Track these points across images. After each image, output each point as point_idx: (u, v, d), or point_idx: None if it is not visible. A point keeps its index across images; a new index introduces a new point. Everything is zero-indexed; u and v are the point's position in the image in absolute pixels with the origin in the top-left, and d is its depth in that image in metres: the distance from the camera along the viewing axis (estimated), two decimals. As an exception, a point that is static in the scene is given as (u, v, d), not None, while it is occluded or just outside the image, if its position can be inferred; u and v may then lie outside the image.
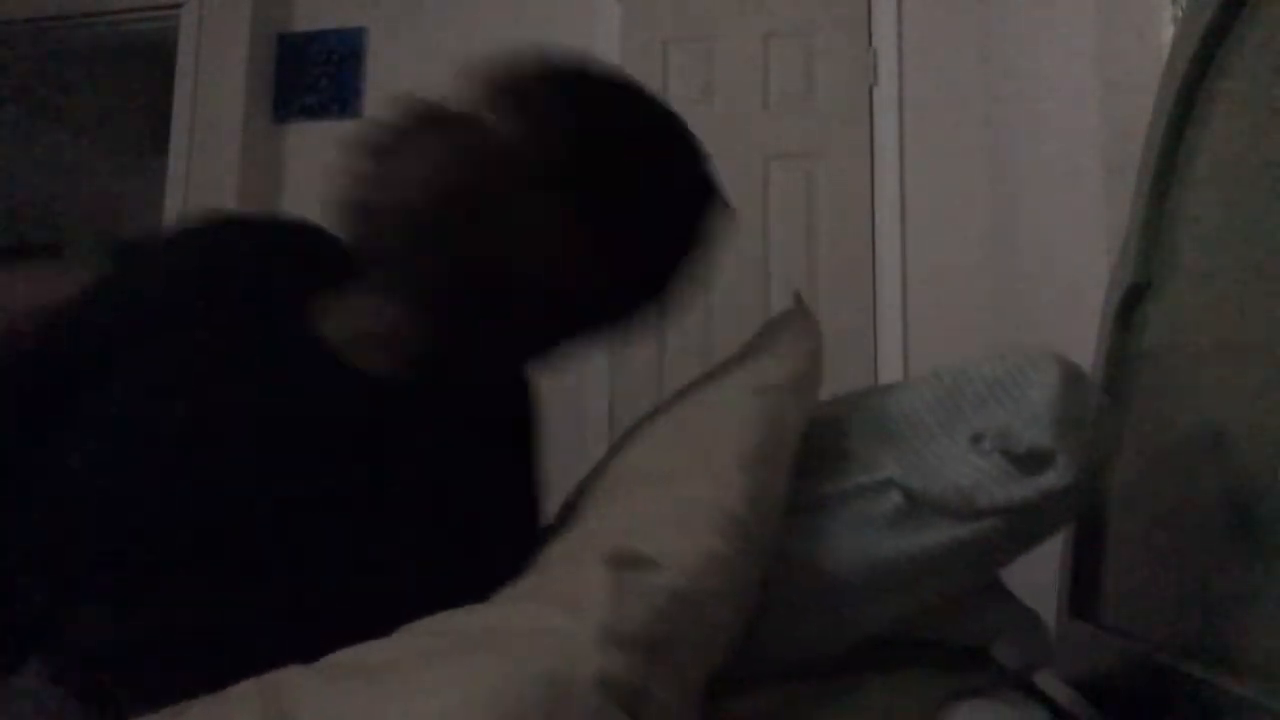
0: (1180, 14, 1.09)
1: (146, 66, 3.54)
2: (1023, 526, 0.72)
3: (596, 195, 0.70)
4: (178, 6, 3.19)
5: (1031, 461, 0.70)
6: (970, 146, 2.71)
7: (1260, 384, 0.79)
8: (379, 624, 0.54)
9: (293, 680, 0.51)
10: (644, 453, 0.78)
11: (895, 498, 0.73)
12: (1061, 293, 2.55)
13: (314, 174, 3.19)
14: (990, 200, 2.67)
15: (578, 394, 2.79)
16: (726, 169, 3.11)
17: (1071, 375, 0.76)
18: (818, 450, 0.78)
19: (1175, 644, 0.85)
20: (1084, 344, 1.18)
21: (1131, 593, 1.00)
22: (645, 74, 2.96)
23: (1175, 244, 1.01)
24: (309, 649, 0.53)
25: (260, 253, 0.77)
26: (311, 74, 3.22)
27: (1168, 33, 1.33)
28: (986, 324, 2.63)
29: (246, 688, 0.51)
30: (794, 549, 0.71)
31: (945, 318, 2.67)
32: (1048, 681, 0.87)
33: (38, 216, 5.67)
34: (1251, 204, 0.83)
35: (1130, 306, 1.10)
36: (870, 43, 2.82)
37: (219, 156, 3.08)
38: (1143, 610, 0.96)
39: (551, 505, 0.80)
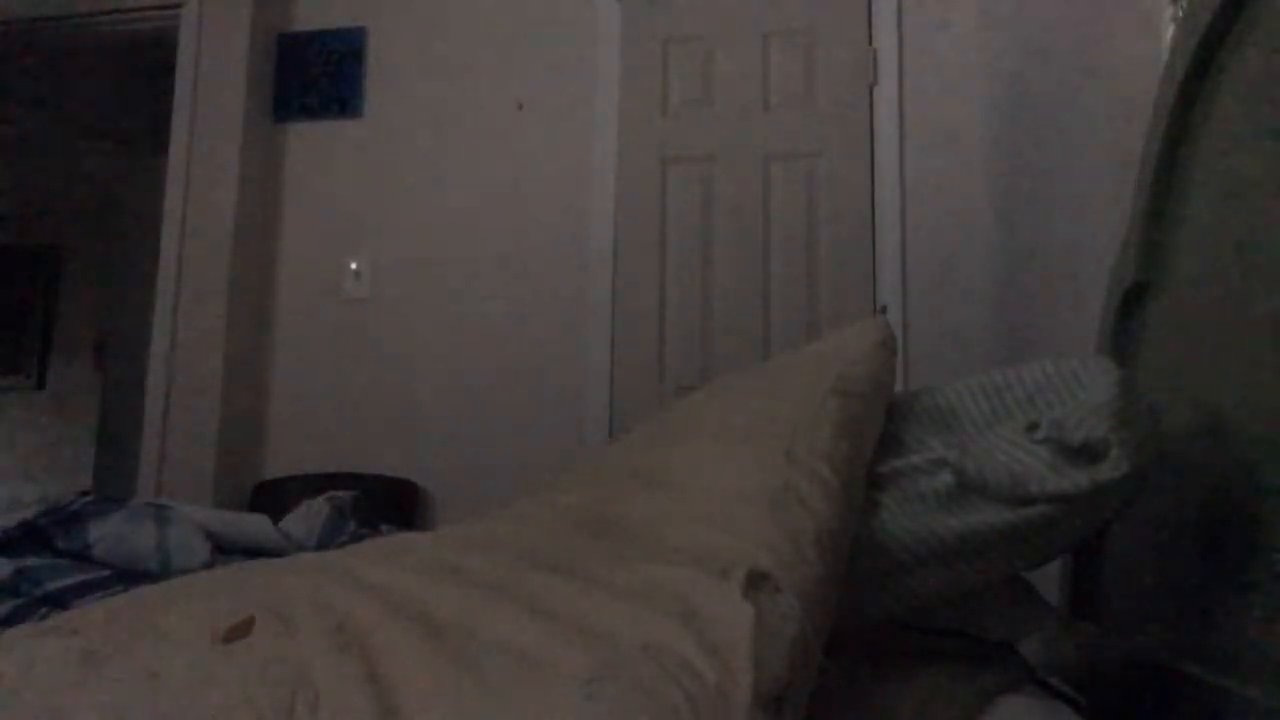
0: (1180, 14, 1.09)
1: (146, 66, 3.53)
2: (1074, 517, 0.73)
3: None
4: (178, 6, 3.18)
5: (1084, 454, 0.71)
6: (970, 146, 2.71)
7: (1259, 382, 0.79)
8: None
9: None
10: (722, 417, 0.82)
11: (946, 478, 0.75)
12: (1062, 292, 2.54)
13: (314, 174, 3.19)
14: (990, 200, 2.67)
15: (578, 394, 2.79)
16: (726, 169, 3.08)
17: (1126, 377, 0.78)
18: None
19: (1175, 644, 0.85)
20: (1084, 344, 1.18)
21: (1131, 593, 1.00)
22: (645, 74, 2.96)
23: (1175, 244, 1.01)
24: None
25: None
26: (311, 74, 3.21)
27: (1168, 33, 1.33)
28: (987, 324, 2.63)
29: None
30: None
31: (945, 317, 2.67)
32: (1053, 680, 0.87)
33: (38, 216, 5.67)
34: (1250, 204, 0.83)
35: (1130, 306, 1.10)
36: (870, 43, 2.82)
37: (219, 156, 3.08)
38: (1143, 610, 0.96)
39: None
